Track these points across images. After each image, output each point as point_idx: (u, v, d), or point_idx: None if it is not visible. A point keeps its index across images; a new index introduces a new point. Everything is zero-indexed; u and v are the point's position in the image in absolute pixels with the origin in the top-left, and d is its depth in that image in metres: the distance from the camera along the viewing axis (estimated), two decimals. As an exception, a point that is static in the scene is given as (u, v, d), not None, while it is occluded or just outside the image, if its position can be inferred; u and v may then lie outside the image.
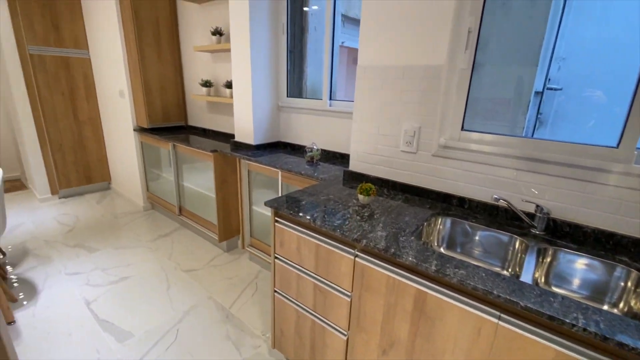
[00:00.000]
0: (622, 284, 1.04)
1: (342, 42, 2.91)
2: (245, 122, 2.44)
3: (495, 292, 0.83)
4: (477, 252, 1.33)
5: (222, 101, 2.72)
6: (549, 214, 1.19)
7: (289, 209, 1.32)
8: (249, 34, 2.19)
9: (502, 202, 1.26)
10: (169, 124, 3.30)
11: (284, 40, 2.38)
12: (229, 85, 2.65)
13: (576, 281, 1.13)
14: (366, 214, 1.29)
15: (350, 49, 3.50)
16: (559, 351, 0.78)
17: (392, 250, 1.02)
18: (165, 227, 3.14)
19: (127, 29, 2.92)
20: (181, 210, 3.04)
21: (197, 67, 3.12)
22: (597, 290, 1.09)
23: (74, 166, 3.76)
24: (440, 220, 1.35)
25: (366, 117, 1.64)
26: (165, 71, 3.14)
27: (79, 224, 3.14)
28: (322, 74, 2.24)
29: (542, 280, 1.16)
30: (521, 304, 0.79)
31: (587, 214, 1.16)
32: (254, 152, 2.35)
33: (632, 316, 0.99)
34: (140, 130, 3.24)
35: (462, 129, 1.38)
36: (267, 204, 1.39)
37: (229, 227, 2.68)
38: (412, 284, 1.01)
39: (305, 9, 2.43)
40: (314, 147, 2.14)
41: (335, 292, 1.25)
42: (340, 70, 2.32)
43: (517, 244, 1.21)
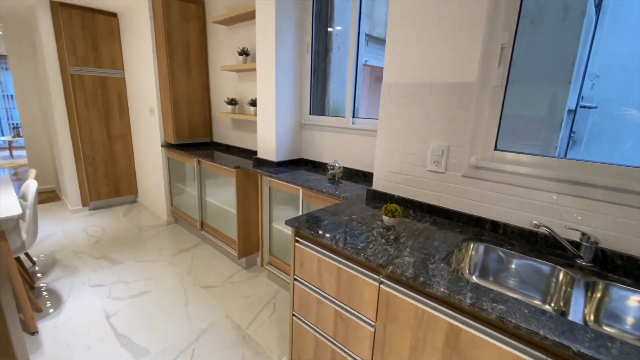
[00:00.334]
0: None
1: (366, 61, 2.92)
2: (267, 139, 2.46)
3: (541, 332, 0.74)
4: (512, 282, 1.22)
5: (246, 118, 2.76)
6: (597, 243, 1.08)
7: (309, 228, 1.27)
8: (275, 54, 2.24)
9: (542, 229, 1.15)
10: (195, 140, 3.39)
11: (308, 59, 2.41)
12: (254, 103, 2.70)
13: (630, 320, 1.00)
14: (392, 237, 1.22)
15: (373, 67, 3.50)
16: (622, 408, 0.67)
17: (422, 278, 0.94)
18: (186, 242, 3.17)
19: (160, 50, 3.07)
20: (203, 225, 3.07)
21: (224, 86, 3.21)
22: (660, 333, 0.95)
23: (104, 179, 3.92)
24: (472, 245, 1.26)
25: (391, 135, 1.60)
26: (193, 90, 3.25)
27: (105, 236, 3.22)
28: (345, 92, 2.23)
29: (592, 318, 1.04)
30: (573, 349, 0.70)
31: (643, 244, 1.04)
32: (276, 169, 2.35)
33: None
34: (167, 146, 3.35)
35: (495, 149, 1.30)
36: (287, 223, 1.36)
37: (249, 244, 2.66)
38: (444, 317, 0.92)
39: (329, 29, 2.46)
40: (336, 164, 2.10)
41: (357, 320, 1.17)
42: (362, 88, 2.31)
43: (560, 276, 1.09)
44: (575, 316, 0.89)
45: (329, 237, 1.20)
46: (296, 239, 1.36)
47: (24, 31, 4.15)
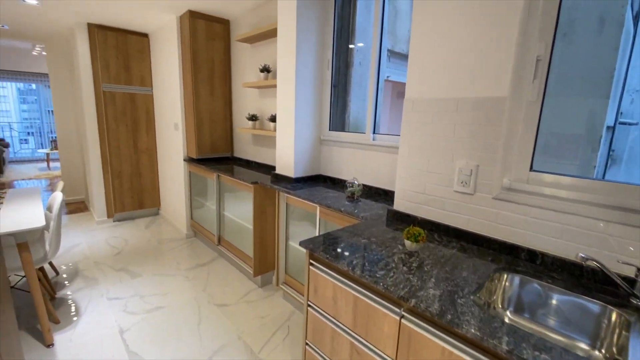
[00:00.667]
0: None
1: (388, 76, 2.86)
2: (286, 155, 2.43)
3: (598, 394, 0.61)
4: (552, 321, 1.08)
5: (266, 134, 2.76)
6: (657, 282, 0.93)
7: (325, 251, 1.20)
8: (295, 70, 2.23)
9: (591, 263, 1.01)
10: (216, 155, 3.42)
11: (328, 75, 2.39)
12: (273, 119, 2.69)
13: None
14: (414, 265, 1.12)
15: (395, 83, 3.44)
16: None
17: (449, 316, 0.83)
18: (203, 256, 3.15)
19: (186, 68, 3.17)
20: (220, 240, 3.05)
21: (246, 102, 3.25)
22: None
23: (129, 192, 4.03)
24: (506, 276, 1.13)
25: (414, 153, 1.51)
26: (215, 106, 3.31)
27: (127, 248, 3.27)
28: (366, 108, 2.17)
29: (654, 371, 0.88)
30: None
31: None
32: (294, 185, 2.30)
33: None
34: (189, 160, 3.40)
35: (530, 169, 1.19)
36: (302, 244, 1.28)
37: (264, 262, 2.59)
38: (475, 363, 0.81)
39: (350, 46, 2.43)
40: (355, 182, 2.02)
41: (375, 356, 1.06)
42: (384, 104, 2.24)
43: (613, 317, 0.94)
44: (636, 371, 0.75)
45: (345, 262, 1.12)
46: (310, 261, 1.29)
47: (63, 51, 4.45)
